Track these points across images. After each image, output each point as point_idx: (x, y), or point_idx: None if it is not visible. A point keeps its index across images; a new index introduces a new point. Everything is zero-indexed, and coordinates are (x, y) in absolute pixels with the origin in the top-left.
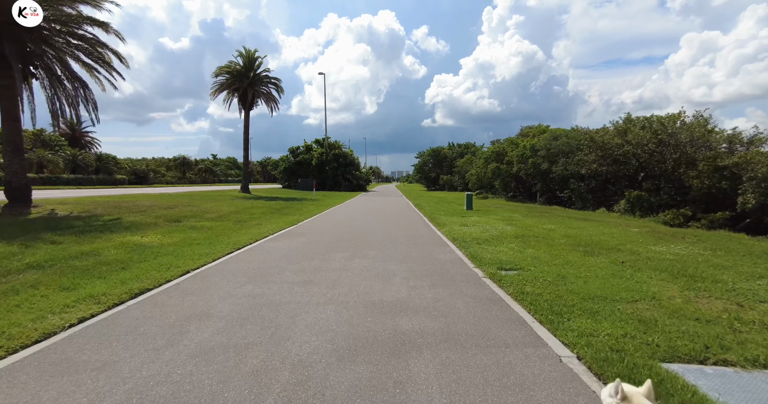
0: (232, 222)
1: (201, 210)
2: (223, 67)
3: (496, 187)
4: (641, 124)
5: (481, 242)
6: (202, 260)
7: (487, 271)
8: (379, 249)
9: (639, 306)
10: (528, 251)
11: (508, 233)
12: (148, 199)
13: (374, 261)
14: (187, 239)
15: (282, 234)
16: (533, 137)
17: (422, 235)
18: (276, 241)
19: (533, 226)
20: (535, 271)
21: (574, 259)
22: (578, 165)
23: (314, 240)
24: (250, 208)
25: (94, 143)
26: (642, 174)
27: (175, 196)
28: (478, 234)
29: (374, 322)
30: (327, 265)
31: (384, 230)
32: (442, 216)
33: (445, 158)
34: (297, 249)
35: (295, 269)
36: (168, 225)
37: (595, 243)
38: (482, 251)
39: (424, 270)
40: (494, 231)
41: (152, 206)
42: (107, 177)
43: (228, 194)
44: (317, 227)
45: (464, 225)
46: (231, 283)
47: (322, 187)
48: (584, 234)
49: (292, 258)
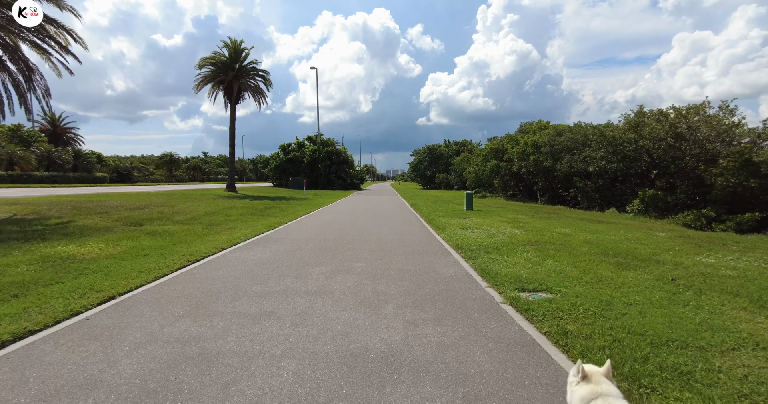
0: (202, 226)
1: (173, 211)
2: (207, 58)
3: (495, 186)
4: (655, 117)
5: (490, 250)
6: (139, 279)
7: (506, 294)
8: (369, 260)
9: (746, 360)
10: (548, 263)
11: (518, 238)
12: (119, 199)
13: (361, 278)
14: (136, 248)
15: (256, 241)
16: (534, 133)
17: (420, 241)
18: (245, 251)
19: (545, 230)
20: (567, 294)
21: (609, 275)
22: (585, 162)
23: (292, 249)
24: (229, 209)
25: (77, 140)
26: (655, 171)
27: (152, 195)
28: (484, 240)
29: (354, 396)
30: (300, 286)
31: (376, 235)
32: (441, 218)
33: (441, 156)
34: (268, 261)
35: (257, 292)
36: (124, 230)
37: (624, 252)
38: (493, 263)
39: (424, 292)
40: (502, 235)
41: (119, 207)
42: (86, 175)
43: (212, 193)
44: (300, 231)
45: (466, 228)
46: (162, 317)
47: (315, 186)
48: (606, 240)
49: (257, 276)
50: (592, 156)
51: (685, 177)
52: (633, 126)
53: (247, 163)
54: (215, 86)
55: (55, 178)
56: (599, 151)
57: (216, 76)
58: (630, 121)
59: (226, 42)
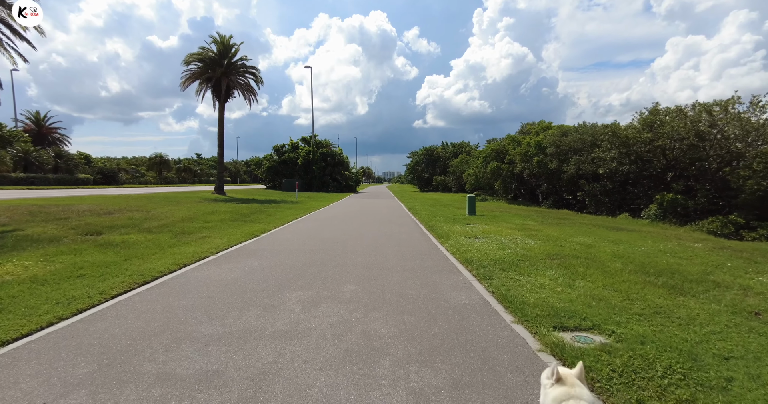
0: (171, 235)
1: (146, 216)
2: (194, 53)
3: (496, 189)
4: (673, 114)
5: (506, 266)
6: (50, 314)
7: (541, 335)
8: (361, 279)
9: None
10: (580, 284)
11: (534, 250)
12: (92, 203)
13: (350, 308)
14: (72, 267)
15: (229, 253)
16: (536, 134)
17: (421, 254)
18: (212, 268)
19: (561, 239)
20: (625, 336)
21: (664, 303)
22: (594, 163)
23: (270, 265)
24: (210, 214)
25: (63, 140)
26: (671, 174)
27: (131, 199)
28: (495, 253)
29: None
30: (267, 323)
31: (371, 245)
32: (443, 224)
33: (438, 158)
34: (236, 282)
35: (207, 335)
36: (74, 240)
37: (666, 269)
38: (514, 285)
39: (432, 334)
40: (515, 246)
41: (86, 211)
42: (67, 176)
43: (198, 196)
44: (284, 241)
45: (472, 236)
46: (46, 386)
47: (309, 188)
48: (637, 252)
49: (215, 306)
50: (602, 157)
51: (706, 179)
52: (648, 124)
53: (242, 165)
54: (203, 84)
55: (33, 179)
56: (610, 151)
57: (203, 72)
58: (645, 119)
59: (215, 37)
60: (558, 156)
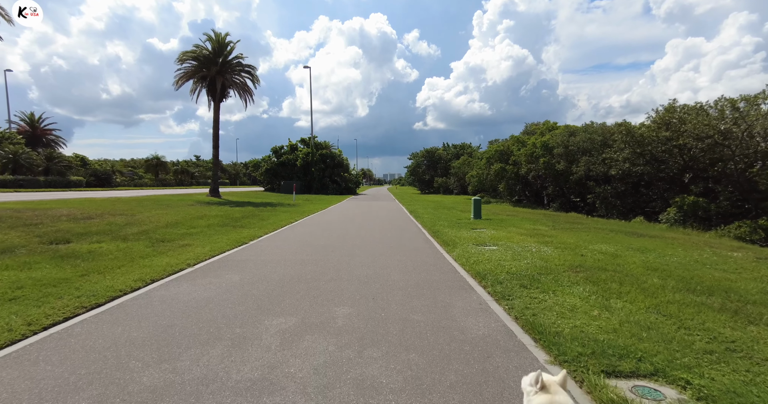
0: (149, 243)
1: (129, 221)
2: (188, 51)
3: (500, 191)
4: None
5: (527, 282)
6: None
7: (595, 391)
8: (357, 301)
9: None
10: (617, 305)
11: (554, 260)
12: (74, 207)
13: (341, 344)
14: (8, 286)
15: (208, 265)
16: (541, 134)
17: (426, 264)
18: (182, 284)
19: (579, 246)
20: (708, 391)
21: (735, 335)
22: (605, 164)
23: (251, 280)
24: (198, 219)
25: (58, 142)
26: (688, 175)
27: (119, 202)
28: (510, 263)
29: None
30: (231, 369)
31: (369, 255)
32: (447, 229)
33: (439, 159)
34: (206, 305)
35: (146, 389)
36: (35, 250)
37: (715, 286)
38: (540, 307)
39: (448, 385)
40: (530, 255)
41: (63, 216)
42: (58, 178)
43: (192, 198)
44: (273, 250)
45: (481, 243)
46: None
47: (308, 190)
48: (671, 263)
49: (172, 341)
50: (614, 157)
51: (729, 181)
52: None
53: (241, 167)
54: (198, 83)
55: (22, 182)
56: (623, 151)
57: (198, 71)
58: (662, 117)
59: (210, 35)
60: (566, 156)
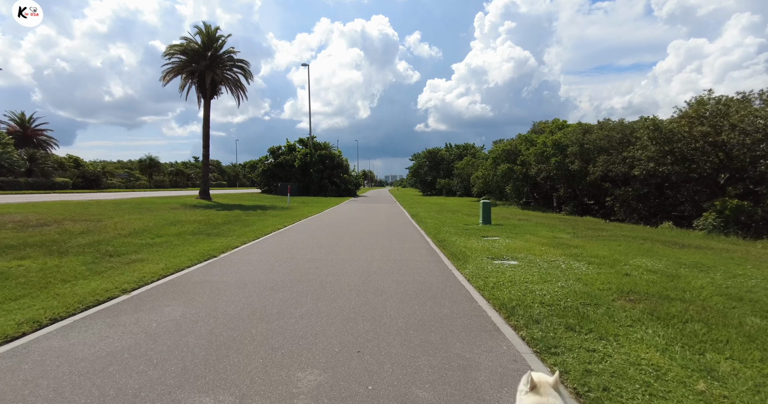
0: (91, 258)
1: (87, 228)
2: (176, 45)
3: (508, 193)
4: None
5: (573, 320)
6: None
7: None
8: (333, 360)
9: None
10: (725, 368)
11: (595, 282)
12: (33, 211)
13: None
14: None
15: (150, 291)
16: (551, 133)
17: (433, 289)
18: (94, 326)
19: (618, 261)
20: None
21: None
22: (625, 164)
23: (193, 319)
24: (171, 225)
25: (50, 142)
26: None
27: (92, 205)
28: (541, 287)
29: None
30: None
31: (361, 273)
32: (455, 237)
33: (442, 160)
34: (102, 370)
35: None
36: None
37: None
38: (604, 367)
39: None
40: (561, 274)
41: (9, 223)
42: (42, 180)
43: (179, 201)
44: (243, 267)
45: (497, 256)
46: None
47: (306, 192)
48: (753, 288)
49: None
50: (637, 156)
51: None
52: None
53: (240, 169)
54: (187, 78)
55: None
56: (647, 149)
57: (186, 65)
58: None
59: (199, 28)
60: (582, 156)
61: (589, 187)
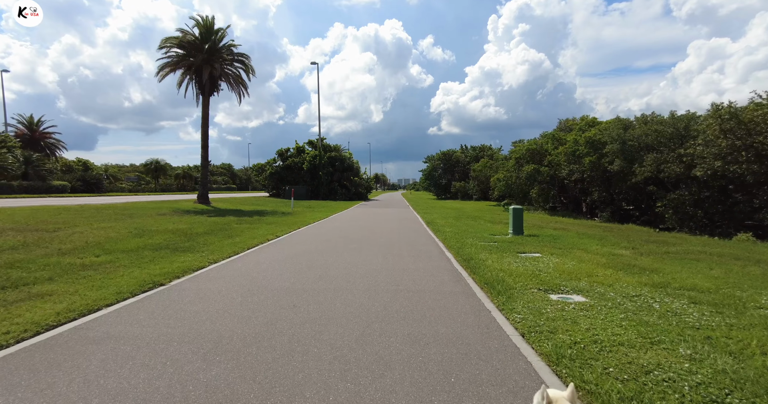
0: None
1: (26, 241)
2: (171, 37)
3: (533, 197)
4: None
5: None
6: None
7: None
8: None
9: None
10: None
11: (744, 351)
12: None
13: None
14: None
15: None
16: (581, 131)
17: (471, 363)
18: None
19: (732, 298)
20: None
21: None
22: (682, 162)
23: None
24: (137, 237)
25: (58, 145)
26: None
27: (66, 211)
28: (652, 357)
29: None
30: None
31: (356, 321)
32: (484, 254)
33: (457, 163)
34: None
35: None
36: None
37: None
38: None
39: None
40: (669, 326)
41: None
42: (38, 183)
43: (173, 205)
44: (186, 307)
45: (551, 287)
46: None
47: (315, 196)
48: None
49: None
50: (700, 153)
51: None
52: None
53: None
54: (185, 74)
55: None
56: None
57: (183, 60)
58: None
59: (197, 20)
60: (624, 154)
61: (630, 190)
